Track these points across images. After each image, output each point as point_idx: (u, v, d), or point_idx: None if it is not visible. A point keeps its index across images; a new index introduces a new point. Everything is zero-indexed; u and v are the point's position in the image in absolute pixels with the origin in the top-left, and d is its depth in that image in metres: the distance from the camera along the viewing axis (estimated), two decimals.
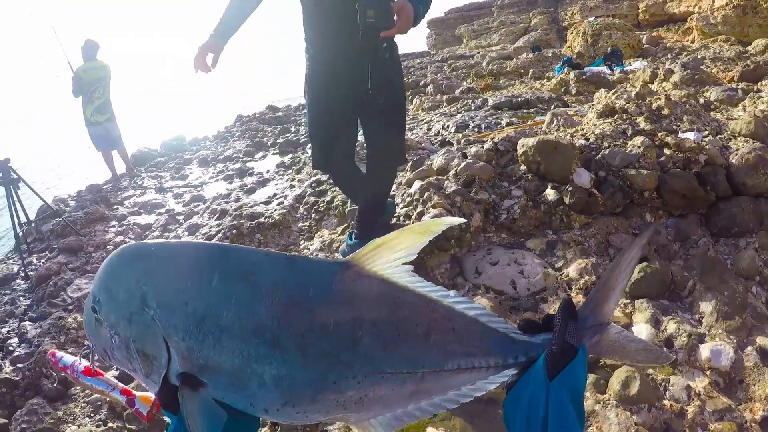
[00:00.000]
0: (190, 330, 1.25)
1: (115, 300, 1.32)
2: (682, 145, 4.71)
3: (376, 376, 1.29)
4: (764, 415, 3.11)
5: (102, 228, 7.39)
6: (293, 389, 1.28)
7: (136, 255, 1.34)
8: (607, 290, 1.38)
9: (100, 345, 1.40)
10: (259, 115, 14.61)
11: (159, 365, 1.30)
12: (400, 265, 1.29)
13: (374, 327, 1.27)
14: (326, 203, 5.70)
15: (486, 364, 1.35)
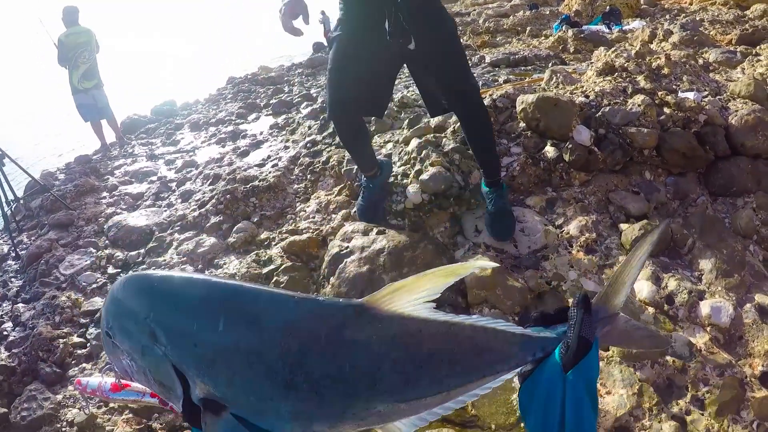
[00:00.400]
0: (203, 369, 1.23)
1: (126, 331, 1.30)
2: (682, 105, 4.68)
3: (398, 404, 1.27)
4: (763, 370, 3.13)
5: (93, 200, 7.29)
6: (312, 422, 1.26)
7: (140, 289, 1.32)
8: (619, 284, 1.42)
9: (120, 366, 1.38)
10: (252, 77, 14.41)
11: (176, 394, 1.27)
12: (422, 303, 1.25)
13: (395, 365, 1.24)
14: (321, 164, 5.64)
15: (507, 367, 1.34)
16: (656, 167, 4.50)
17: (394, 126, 5.78)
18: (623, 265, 1.42)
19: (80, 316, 4.82)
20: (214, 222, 5.41)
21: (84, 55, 10.43)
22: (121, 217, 6.21)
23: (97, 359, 4.28)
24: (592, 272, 3.69)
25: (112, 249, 5.71)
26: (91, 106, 10.63)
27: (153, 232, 5.74)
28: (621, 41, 8.70)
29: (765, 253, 3.94)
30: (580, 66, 6.97)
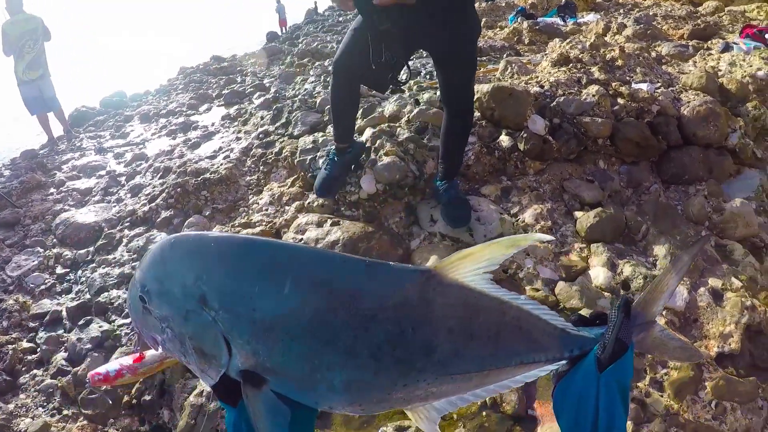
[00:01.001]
0: (258, 336, 1.17)
1: (168, 294, 1.21)
2: (636, 95, 4.73)
3: (445, 377, 1.27)
4: (719, 351, 3.18)
5: (40, 197, 7.05)
6: (362, 392, 1.24)
7: (195, 248, 1.22)
8: (658, 292, 1.43)
9: (149, 333, 1.31)
10: (203, 67, 14.23)
11: (218, 363, 1.22)
12: (481, 273, 1.26)
13: (450, 334, 1.24)
14: (274, 155, 5.54)
15: (545, 358, 1.37)
16: (610, 156, 4.53)
17: None
18: (663, 274, 1.44)
19: (29, 319, 4.66)
20: (165, 216, 5.30)
21: (29, 45, 9.99)
22: (69, 214, 6.03)
23: (48, 365, 4.15)
24: (548, 259, 3.68)
25: (60, 248, 5.55)
26: (37, 98, 10.18)
27: (102, 229, 5.60)
28: (575, 33, 8.74)
29: (717, 238, 3.98)
30: (535, 57, 6.97)
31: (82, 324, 4.21)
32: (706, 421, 2.92)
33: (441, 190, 4.12)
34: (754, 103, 5.14)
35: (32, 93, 10.14)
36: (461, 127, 3.99)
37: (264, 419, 1.18)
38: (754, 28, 7.57)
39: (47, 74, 10.29)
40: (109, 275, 4.74)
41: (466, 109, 3.94)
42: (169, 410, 3.45)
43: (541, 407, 2.99)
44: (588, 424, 1.27)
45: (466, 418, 2.96)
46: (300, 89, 7.39)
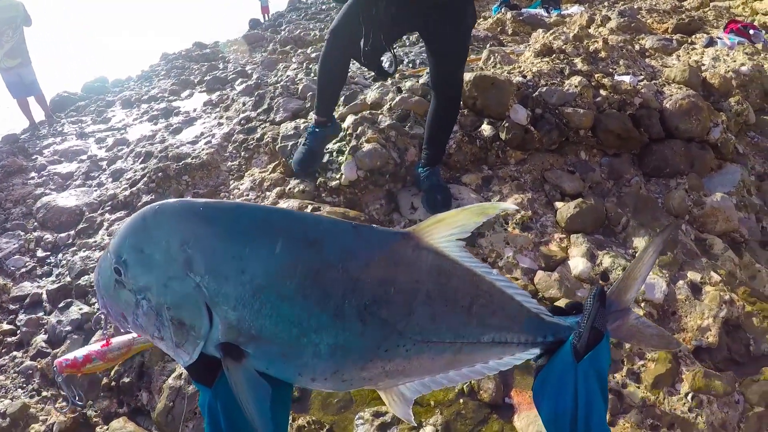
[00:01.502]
0: (245, 299, 1.16)
1: (148, 262, 1.18)
2: (618, 87, 4.74)
3: (423, 345, 1.30)
4: (696, 344, 3.19)
5: (20, 181, 6.97)
6: (346, 358, 1.26)
7: (181, 213, 1.20)
8: (631, 280, 1.46)
9: (118, 309, 1.27)
10: (186, 53, 14.08)
11: (196, 335, 1.20)
12: (453, 240, 1.29)
13: (427, 297, 1.27)
14: (256, 141, 5.52)
15: (517, 340, 1.39)
16: (591, 147, 4.55)
17: None
18: (635, 262, 1.47)
19: (9, 302, 4.62)
20: (145, 201, 5.27)
21: (7, 33, 9.87)
22: (50, 198, 5.99)
23: (27, 347, 4.13)
24: (528, 249, 3.69)
25: (41, 231, 5.52)
26: (17, 83, 10.14)
27: (83, 213, 5.57)
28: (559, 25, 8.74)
29: (697, 232, 4.01)
30: (518, 48, 6.98)
31: (62, 306, 4.19)
32: (682, 414, 2.94)
33: (422, 176, 4.13)
34: (736, 98, 5.17)
35: (12, 79, 10.09)
36: (449, 113, 4.00)
37: (246, 392, 1.17)
38: (738, 23, 7.62)
39: (27, 61, 10.19)
40: (89, 258, 4.72)
41: (455, 96, 3.96)
42: (147, 392, 3.44)
43: (518, 395, 3.00)
44: (567, 413, 1.29)
45: (443, 405, 2.97)
46: (282, 76, 7.37)
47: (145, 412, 3.43)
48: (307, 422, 2.96)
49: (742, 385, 3.09)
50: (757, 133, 5.29)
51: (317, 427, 2.96)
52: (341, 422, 2.99)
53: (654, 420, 2.90)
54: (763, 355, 3.26)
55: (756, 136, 5.24)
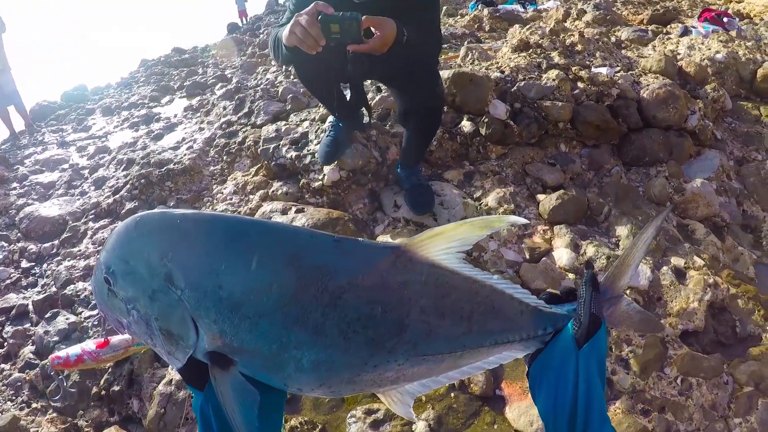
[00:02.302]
0: (224, 314, 1.15)
1: (133, 274, 1.18)
2: (596, 79, 4.77)
3: (417, 359, 1.27)
4: (683, 329, 3.22)
5: (2, 191, 6.97)
6: (331, 372, 1.23)
7: (159, 226, 1.19)
8: (625, 266, 1.45)
9: (114, 316, 1.27)
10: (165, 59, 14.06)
11: (185, 345, 1.19)
12: (453, 253, 1.25)
13: (422, 314, 1.23)
14: (237, 144, 5.53)
15: (519, 337, 1.37)
16: (571, 139, 4.58)
17: (311, 104, 5.69)
18: (628, 249, 1.47)
19: None
20: (129, 208, 5.27)
21: None
22: (32, 208, 5.98)
23: (15, 359, 4.13)
24: (511, 242, 3.72)
25: (24, 242, 5.51)
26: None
27: (67, 222, 5.57)
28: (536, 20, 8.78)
29: (679, 218, 4.05)
30: (496, 44, 7.01)
31: (48, 317, 4.19)
32: (672, 397, 2.97)
33: (403, 176, 4.14)
34: (712, 86, 5.22)
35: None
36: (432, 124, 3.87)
37: (232, 401, 1.16)
38: (712, 12, 7.66)
39: (7, 69, 10.10)
40: (74, 267, 4.71)
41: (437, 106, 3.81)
42: (138, 400, 3.44)
43: (508, 387, 3.02)
44: (567, 400, 1.28)
45: (434, 400, 2.99)
46: (262, 79, 7.38)
47: (136, 420, 3.43)
48: (299, 423, 2.97)
49: (731, 366, 3.12)
50: (734, 118, 5.34)
51: (310, 427, 2.97)
52: (333, 421, 3.01)
53: (644, 405, 2.92)
54: (750, 336, 3.29)
55: (733, 122, 5.29)
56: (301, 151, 4.64)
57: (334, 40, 2.88)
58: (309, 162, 4.53)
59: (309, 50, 2.93)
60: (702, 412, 2.94)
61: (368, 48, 2.96)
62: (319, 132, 4.78)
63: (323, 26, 2.83)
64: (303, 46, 2.92)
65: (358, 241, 1.24)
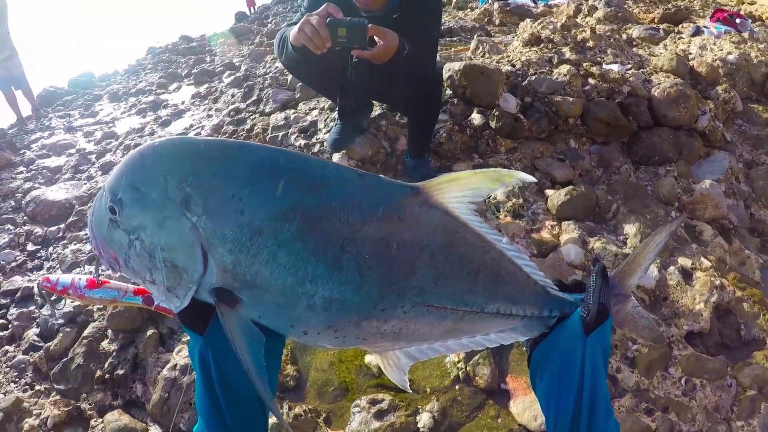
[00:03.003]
0: (242, 242, 1.12)
1: (144, 200, 1.14)
2: (607, 76, 4.76)
3: (422, 308, 1.26)
4: (689, 329, 3.20)
5: (9, 175, 6.92)
6: (341, 313, 1.21)
7: (181, 150, 1.16)
8: (635, 265, 1.47)
9: (110, 251, 1.22)
10: (172, 46, 13.97)
11: (189, 279, 1.16)
12: (465, 202, 1.26)
13: (431, 258, 1.23)
14: (246, 132, 5.50)
15: (523, 313, 1.38)
16: (581, 136, 4.57)
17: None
18: (641, 248, 1.49)
19: (0, 296, 4.62)
20: None
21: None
22: (39, 192, 5.96)
23: (19, 341, 4.11)
24: (519, 236, 3.70)
25: (30, 225, 5.50)
26: (4, 77, 10.03)
27: (73, 206, 5.54)
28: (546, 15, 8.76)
29: (687, 219, 4.02)
30: (506, 38, 6.99)
31: (54, 300, 4.17)
32: (676, 397, 2.97)
33: (412, 166, 4.15)
34: (724, 87, 5.21)
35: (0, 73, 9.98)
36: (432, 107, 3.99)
37: (241, 338, 1.15)
38: (724, 12, 7.64)
39: (14, 54, 10.07)
40: (80, 251, 4.71)
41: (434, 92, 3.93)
42: (142, 384, 3.44)
43: (513, 381, 3.02)
44: (574, 383, 1.29)
45: (439, 392, 2.99)
46: (271, 67, 7.37)
47: (139, 404, 3.43)
48: (303, 411, 2.96)
49: (734, 369, 3.13)
50: (744, 120, 5.33)
51: (314, 415, 2.97)
52: (338, 410, 3.00)
53: (648, 404, 2.92)
54: (754, 340, 3.29)
55: (743, 124, 5.28)
56: (310, 140, 4.65)
57: (340, 43, 2.98)
58: (318, 150, 4.53)
59: (315, 50, 3.02)
60: (705, 414, 2.94)
61: (371, 55, 3.07)
62: (329, 120, 4.77)
63: (331, 29, 2.92)
64: (310, 44, 2.99)
65: (380, 178, 1.24)
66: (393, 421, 2.86)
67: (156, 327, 3.67)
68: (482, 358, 3.03)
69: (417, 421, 2.87)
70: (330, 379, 3.12)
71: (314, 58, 3.18)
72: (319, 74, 3.83)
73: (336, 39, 2.94)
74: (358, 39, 2.96)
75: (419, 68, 3.54)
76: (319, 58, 3.15)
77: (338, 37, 2.93)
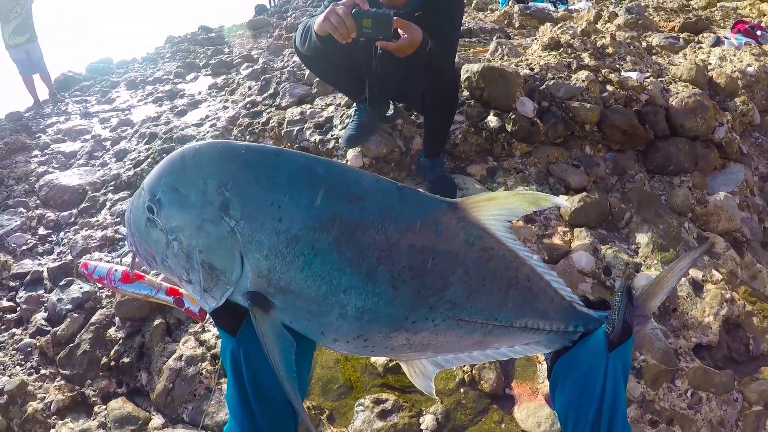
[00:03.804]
0: (279, 249, 1.14)
1: (184, 202, 1.17)
2: (625, 83, 4.74)
3: (453, 321, 1.28)
4: (697, 342, 3.19)
5: (24, 158, 6.98)
6: (372, 324, 1.23)
7: (222, 155, 1.18)
8: (658, 288, 1.51)
9: (148, 248, 1.26)
10: (191, 36, 13.98)
11: (226, 281, 1.18)
12: (502, 220, 1.28)
13: (465, 274, 1.25)
14: (261, 125, 5.50)
15: (549, 328, 1.40)
16: (597, 142, 4.55)
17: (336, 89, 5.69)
18: (664, 273, 1.52)
19: (9, 279, 4.62)
20: None
21: (16, 10, 9.88)
22: (52, 176, 5.99)
23: (27, 324, 4.14)
24: (531, 241, 3.69)
25: (43, 209, 5.52)
26: (24, 59, 10.15)
27: (86, 192, 5.56)
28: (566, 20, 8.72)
29: (699, 231, 4.00)
30: (525, 41, 6.97)
31: (63, 285, 4.19)
32: (681, 410, 2.96)
33: (427, 166, 4.14)
34: (742, 99, 5.17)
35: (19, 56, 10.09)
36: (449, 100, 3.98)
37: (273, 342, 1.16)
38: (745, 24, 7.60)
39: (34, 38, 10.21)
40: (91, 237, 4.72)
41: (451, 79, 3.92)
42: (147, 373, 3.45)
43: (518, 387, 3.01)
44: (595, 397, 1.31)
45: (443, 394, 2.99)
46: (289, 61, 7.35)
47: (144, 393, 3.44)
48: (307, 407, 2.97)
49: (741, 383, 3.12)
50: (761, 133, 5.29)
51: (318, 412, 2.97)
52: (341, 408, 3.01)
53: (653, 415, 2.91)
54: (762, 355, 3.27)
55: (760, 137, 5.24)
56: (325, 135, 4.65)
57: (365, 34, 2.99)
58: (332, 147, 4.53)
59: (340, 39, 3.02)
60: (710, 428, 2.94)
61: (396, 46, 3.08)
62: (344, 117, 4.77)
63: (356, 19, 2.93)
64: (335, 33, 2.99)
65: (419, 192, 1.25)
66: (396, 421, 2.86)
67: (163, 317, 3.68)
68: (488, 363, 3.02)
69: (420, 423, 2.87)
70: (335, 377, 3.12)
71: (338, 49, 3.20)
72: (341, 67, 3.84)
73: (361, 29, 2.96)
74: (383, 30, 2.97)
75: (439, 65, 3.56)
76: (343, 48, 3.16)
77: (363, 28, 2.95)
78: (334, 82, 4.37)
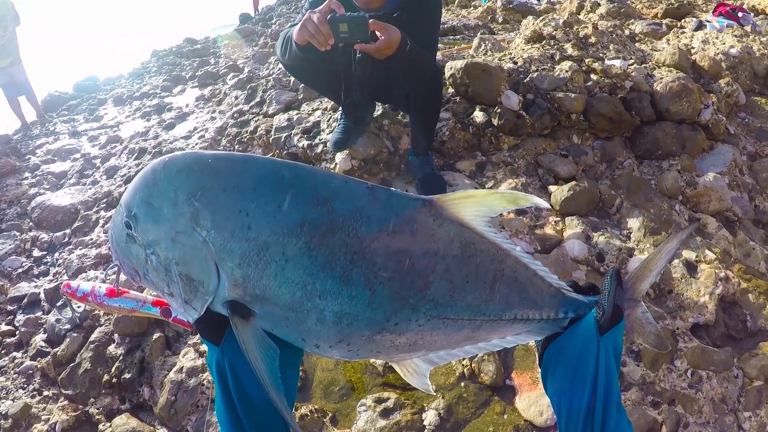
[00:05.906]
0: (250, 257, 1.14)
1: (157, 216, 1.17)
2: (609, 72, 4.75)
3: (438, 320, 1.27)
4: (694, 322, 3.21)
5: (14, 181, 6.94)
6: (352, 328, 1.22)
7: (189, 165, 1.18)
8: (647, 271, 1.51)
9: (130, 264, 1.26)
10: (176, 49, 13.93)
11: (205, 291, 1.19)
12: (481, 216, 1.27)
13: (447, 272, 1.24)
14: (249, 133, 5.50)
15: (539, 316, 1.40)
16: (584, 131, 4.57)
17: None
18: (652, 255, 1.51)
19: (7, 302, 4.62)
20: None
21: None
22: (44, 198, 5.99)
23: (27, 347, 4.14)
24: (523, 232, 3.70)
25: (36, 231, 5.52)
26: (8, 83, 10.03)
27: (78, 211, 5.56)
28: (549, 12, 8.73)
29: (690, 212, 4.02)
30: (509, 35, 6.98)
31: (60, 305, 4.19)
32: (682, 390, 2.97)
33: (416, 165, 4.15)
34: (726, 80, 5.19)
35: (4, 79, 9.98)
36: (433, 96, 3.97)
37: (255, 349, 1.16)
38: (726, 6, 7.61)
39: (18, 60, 10.10)
40: (86, 256, 4.72)
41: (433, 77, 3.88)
42: (149, 387, 3.46)
43: (518, 377, 3.02)
44: (588, 382, 1.31)
45: (444, 389, 3.00)
46: (274, 68, 7.35)
47: (147, 408, 3.45)
48: (309, 411, 2.98)
49: (741, 360, 3.13)
50: (747, 113, 5.32)
51: (320, 415, 2.98)
52: (344, 410, 3.02)
53: (654, 397, 2.93)
54: (760, 331, 3.29)
55: (747, 117, 5.27)
56: (313, 140, 4.65)
57: (343, 39, 3.02)
58: (321, 151, 4.54)
59: (319, 46, 3.06)
60: (712, 405, 2.95)
61: (374, 48, 3.08)
62: (331, 121, 4.78)
63: (332, 25, 2.96)
64: (313, 41, 3.04)
65: (391, 191, 1.24)
66: (399, 419, 2.87)
67: (162, 330, 3.69)
68: (487, 355, 3.03)
69: (423, 419, 2.88)
70: (336, 379, 3.13)
71: (318, 57, 3.23)
72: (322, 74, 3.87)
73: (338, 34, 2.98)
74: (359, 33, 2.99)
75: (420, 64, 3.55)
76: (323, 55, 3.20)
77: (340, 33, 2.97)
78: (319, 87, 4.39)
